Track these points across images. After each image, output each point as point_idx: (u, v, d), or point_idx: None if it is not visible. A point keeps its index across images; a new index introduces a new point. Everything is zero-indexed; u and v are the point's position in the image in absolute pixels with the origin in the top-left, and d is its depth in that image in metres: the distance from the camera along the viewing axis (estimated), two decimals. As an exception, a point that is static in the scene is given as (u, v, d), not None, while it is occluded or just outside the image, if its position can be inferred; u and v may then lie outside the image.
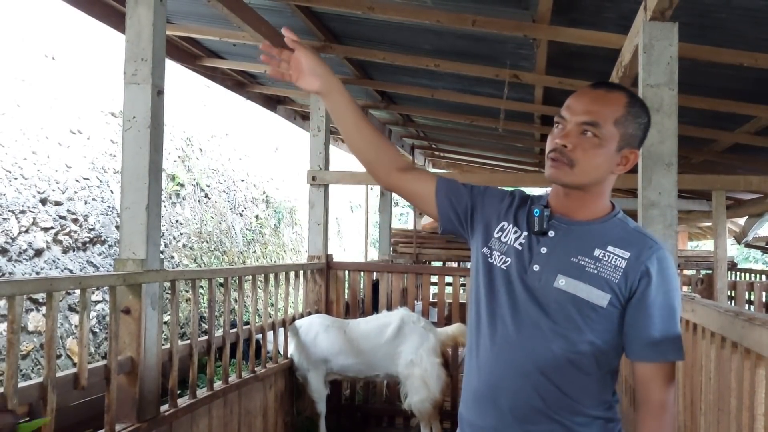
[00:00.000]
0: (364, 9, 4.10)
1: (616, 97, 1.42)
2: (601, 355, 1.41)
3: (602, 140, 1.40)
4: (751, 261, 20.36)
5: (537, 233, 1.46)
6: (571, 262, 1.41)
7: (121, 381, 2.91)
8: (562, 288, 1.40)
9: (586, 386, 1.41)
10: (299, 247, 12.07)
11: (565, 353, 1.38)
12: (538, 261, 1.44)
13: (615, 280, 1.38)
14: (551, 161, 1.43)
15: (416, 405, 4.36)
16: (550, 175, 1.43)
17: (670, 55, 2.75)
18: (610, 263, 1.40)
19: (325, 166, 5.70)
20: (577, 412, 1.40)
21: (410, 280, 6.30)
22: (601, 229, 1.45)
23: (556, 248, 1.44)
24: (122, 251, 3.01)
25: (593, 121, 1.39)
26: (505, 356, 1.42)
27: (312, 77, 1.51)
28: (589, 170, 1.41)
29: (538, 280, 1.42)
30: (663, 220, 2.75)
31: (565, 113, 1.44)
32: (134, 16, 3.05)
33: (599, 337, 1.40)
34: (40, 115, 6.11)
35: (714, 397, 1.96)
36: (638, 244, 1.41)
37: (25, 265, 5.39)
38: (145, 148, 3.01)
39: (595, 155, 1.40)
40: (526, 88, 5.39)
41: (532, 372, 1.39)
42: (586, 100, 1.43)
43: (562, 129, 1.43)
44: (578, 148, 1.40)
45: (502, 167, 11.09)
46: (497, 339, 1.44)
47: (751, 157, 6.92)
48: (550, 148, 1.44)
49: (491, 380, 1.44)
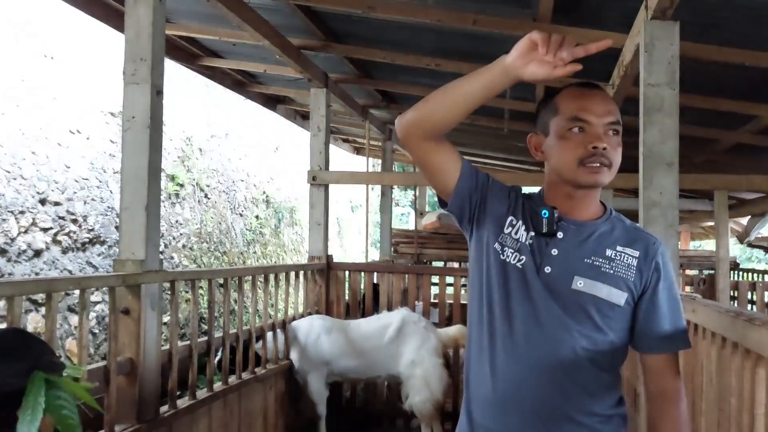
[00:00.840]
0: (365, 8, 4.09)
1: (610, 97, 1.50)
2: (617, 352, 1.44)
3: (620, 137, 1.45)
4: (754, 261, 20.33)
5: (545, 235, 1.44)
6: (586, 263, 1.42)
7: (120, 382, 2.90)
8: (581, 290, 1.40)
9: (605, 384, 1.44)
10: (299, 247, 12.06)
11: (587, 352, 1.39)
12: (550, 263, 1.43)
13: (630, 279, 1.42)
14: (589, 167, 1.40)
15: (417, 405, 4.35)
16: (595, 180, 1.41)
17: (671, 55, 2.74)
18: (624, 262, 1.43)
19: (326, 166, 5.68)
20: (597, 410, 1.42)
21: (411, 280, 6.29)
22: (605, 228, 1.47)
23: (568, 250, 1.43)
24: (121, 252, 3.00)
25: (618, 120, 1.44)
26: (528, 356, 1.40)
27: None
28: (617, 167, 1.45)
29: (553, 282, 1.41)
30: (664, 220, 2.74)
31: (586, 116, 1.42)
32: (133, 16, 3.04)
33: (617, 335, 1.43)
34: (40, 115, 6.10)
35: (715, 398, 1.95)
36: (642, 242, 1.46)
37: (24, 265, 5.38)
38: (144, 148, 3.00)
39: (619, 152, 1.45)
40: (527, 88, 5.37)
41: (557, 372, 1.39)
42: (599, 100, 1.44)
43: (586, 133, 1.42)
44: (611, 148, 1.42)
45: (504, 167, 11.08)
46: (518, 339, 1.41)
47: (753, 157, 6.91)
48: (583, 153, 1.40)
49: (513, 382, 1.42)
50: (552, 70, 1.27)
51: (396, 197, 16.16)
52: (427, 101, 1.44)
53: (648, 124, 2.77)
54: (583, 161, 1.41)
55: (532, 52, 1.27)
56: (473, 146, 9.65)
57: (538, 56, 1.26)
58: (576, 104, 1.44)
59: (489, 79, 1.35)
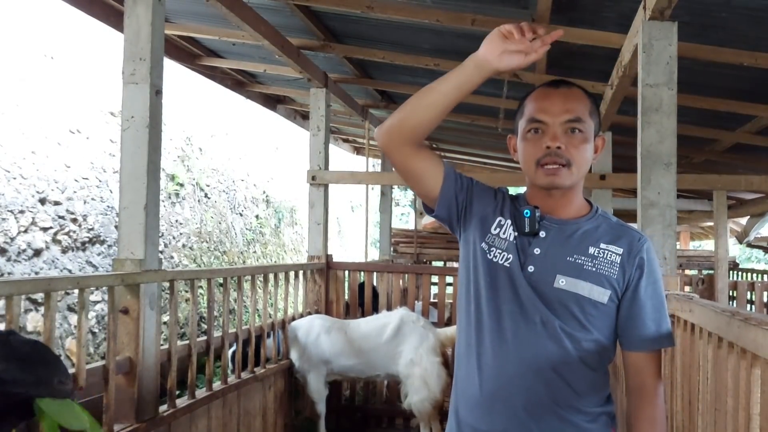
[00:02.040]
0: (364, 8, 4.10)
1: (578, 92, 1.47)
2: (603, 350, 1.44)
3: (586, 134, 1.43)
4: (753, 261, 20.35)
5: (528, 234, 1.45)
6: (569, 261, 1.42)
7: (119, 381, 2.91)
8: (563, 288, 1.40)
9: (593, 382, 1.43)
10: (299, 246, 12.06)
11: (573, 351, 1.40)
12: (533, 262, 1.44)
13: (613, 276, 1.41)
14: (545, 167, 1.41)
15: (416, 404, 4.36)
16: (551, 182, 1.42)
17: (669, 55, 2.75)
18: (607, 259, 1.42)
19: (325, 166, 5.69)
20: (584, 408, 1.42)
21: (410, 280, 6.29)
22: (589, 226, 1.47)
23: (550, 249, 1.44)
24: (120, 251, 3.00)
25: (578, 117, 1.42)
26: (517, 353, 1.41)
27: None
28: (582, 166, 1.44)
29: (536, 281, 1.42)
30: (662, 220, 2.75)
31: (542, 116, 1.43)
32: (133, 16, 3.04)
33: (601, 333, 1.43)
34: (39, 115, 6.11)
35: (711, 397, 1.95)
36: (627, 238, 1.45)
37: (24, 265, 5.39)
38: (144, 148, 3.00)
39: (584, 150, 1.43)
40: (526, 87, 5.38)
41: (545, 369, 1.39)
42: (558, 99, 1.43)
43: (543, 133, 1.42)
44: (570, 147, 1.41)
45: (503, 167, 11.07)
46: (506, 336, 1.42)
47: (752, 157, 6.92)
48: (539, 153, 1.42)
49: (500, 380, 1.42)
50: (525, 57, 1.32)
51: (396, 197, 16.16)
52: (404, 106, 1.46)
53: (646, 124, 2.77)
54: (540, 162, 1.42)
55: (503, 43, 1.32)
56: (470, 146, 9.65)
57: (510, 46, 1.31)
58: (534, 105, 1.45)
59: (462, 76, 1.39)
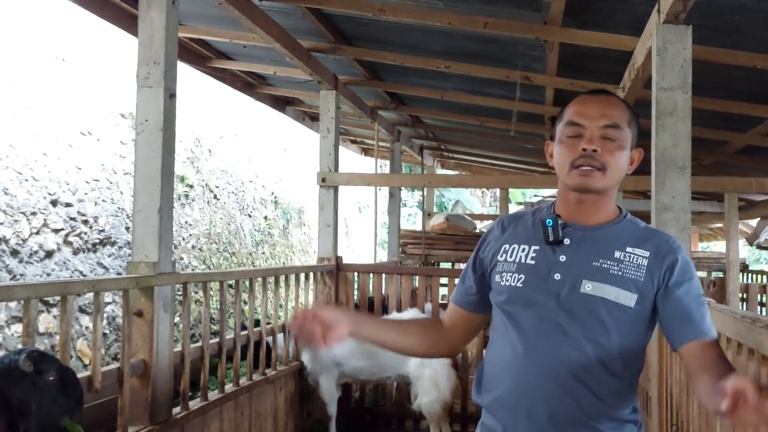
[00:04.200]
0: (375, 11, 4.10)
1: (617, 101, 1.49)
2: (629, 356, 1.42)
3: (622, 142, 1.44)
4: (763, 263, 20.21)
5: (552, 243, 1.46)
6: (594, 266, 1.42)
7: (133, 383, 2.92)
8: (589, 293, 1.40)
9: (618, 389, 1.42)
10: (308, 248, 12.07)
11: (597, 357, 1.39)
12: (559, 270, 1.43)
13: (641, 280, 1.40)
14: (579, 169, 1.42)
15: (426, 406, 4.36)
16: (582, 183, 1.43)
17: (683, 59, 2.74)
18: (633, 263, 1.42)
19: (335, 168, 5.67)
20: (610, 416, 1.41)
21: (420, 281, 6.29)
22: (615, 231, 1.47)
23: (575, 255, 1.44)
24: (135, 254, 3.01)
25: (615, 123, 1.43)
26: (538, 363, 1.41)
27: (340, 326, 1.43)
28: (615, 172, 1.44)
29: (561, 288, 1.42)
30: (677, 223, 2.74)
31: (580, 120, 1.44)
32: (147, 20, 3.06)
33: (627, 338, 1.41)
34: (51, 117, 6.13)
35: (730, 404, 1.94)
36: (654, 241, 1.45)
37: (36, 266, 5.41)
38: (158, 151, 3.02)
39: (619, 157, 1.44)
40: (537, 90, 5.37)
41: (567, 377, 1.39)
42: (597, 105, 1.45)
43: (580, 137, 1.43)
44: (605, 152, 1.42)
45: (512, 168, 11.06)
46: (530, 345, 1.42)
47: (763, 159, 6.88)
48: (574, 156, 1.43)
49: (523, 385, 1.42)
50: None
51: (404, 198, 16.15)
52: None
53: (660, 128, 2.76)
54: (574, 164, 1.43)
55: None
56: (481, 147, 9.65)
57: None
58: (573, 109, 1.47)
59: (366, 339, 1.61)
